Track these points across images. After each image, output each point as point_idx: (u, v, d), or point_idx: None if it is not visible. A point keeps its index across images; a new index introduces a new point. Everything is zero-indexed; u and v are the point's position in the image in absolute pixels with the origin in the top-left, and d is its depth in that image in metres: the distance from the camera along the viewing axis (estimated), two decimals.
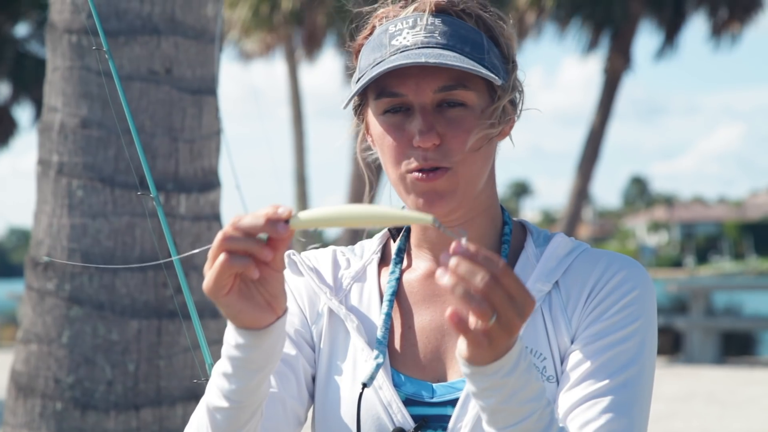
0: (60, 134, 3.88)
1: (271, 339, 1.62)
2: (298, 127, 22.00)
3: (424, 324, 1.88)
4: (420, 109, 1.79)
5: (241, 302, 1.58)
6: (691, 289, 16.18)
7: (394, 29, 1.82)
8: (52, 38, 3.95)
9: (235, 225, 1.52)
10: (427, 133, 1.78)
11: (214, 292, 1.55)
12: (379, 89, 1.82)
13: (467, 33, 1.81)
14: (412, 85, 1.79)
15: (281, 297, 1.61)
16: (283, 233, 1.51)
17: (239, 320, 1.61)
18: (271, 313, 1.61)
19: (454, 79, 1.78)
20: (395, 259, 1.93)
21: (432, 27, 1.80)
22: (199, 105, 3.94)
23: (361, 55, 1.88)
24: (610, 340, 1.78)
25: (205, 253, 1.61)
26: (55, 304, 3.83)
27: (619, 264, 1.84)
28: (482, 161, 1.83)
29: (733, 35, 20.22)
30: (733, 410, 10.90)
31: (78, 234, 3.82)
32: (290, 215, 1.52)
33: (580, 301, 1.82)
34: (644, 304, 1.81)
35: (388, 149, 1.83)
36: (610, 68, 19.72)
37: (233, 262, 1.52)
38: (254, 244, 1.52)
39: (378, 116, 1.84)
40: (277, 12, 20.40)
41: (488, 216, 1.90)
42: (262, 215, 1.52)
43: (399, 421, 1.81)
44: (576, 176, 20.06)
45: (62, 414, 3.80)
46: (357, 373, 1.85)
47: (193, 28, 3.93)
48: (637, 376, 1.77)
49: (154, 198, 2.31)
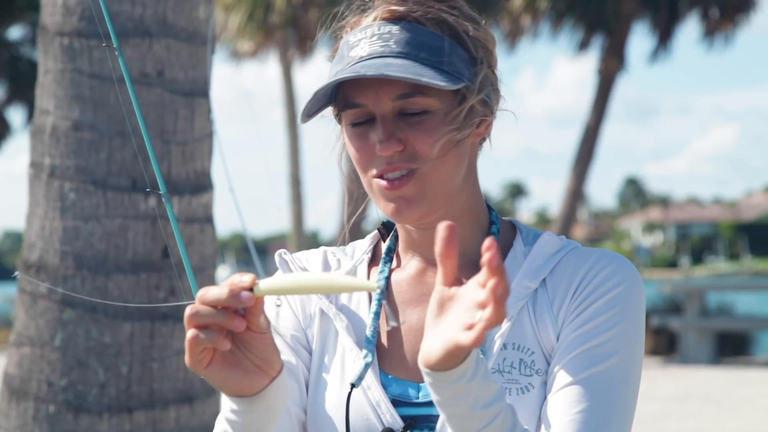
0: (52, 137, 3.88)
1: (266, 402, 1.62)
2: (293, 129, 22.00)
3: (411, 324, 1.88)
4: (380, 119, 1.80)
5: (226, 372, 1.58)
6: (686, 289, 16.20)
7: (353, 40, 1.83)
8: (43, 41, 3.95)
9: (201, 299, 1.53)
10: (386, 142, 1.78)
11: (194, 367, 1.56)
12: (343, 101, 1.83)
13: (425, 39, 1.80)
14: (371, 95, 1.80)
15: (272, 359, 1.60)
16: (247, 302, 1.52)
17: (227, 389, 1.61)
18: (264, 377, 1.60)
19: (411, 87, 1.78)
20: (384, 258, 1.94)
21: (388, 35, 1.81)
22: (191, 107, 3.94)
23: (330, 68, 1.89)
24: (588, 334, 1.77)
25: (198, 253, 1.63)
26: (47, 306, 3.83)
27: (607, 259, 1.83)
28: (452, 164, 1.82)
29: (726, 36, 20.25)
30: (728, 410, 10.91)
31: (70, 237, 3.82)
32: (253, 283, 1.52)
33: (567, 296, 1.82)
34: (630, 299, 1.81)
35: (356, 159, 1.85)
36: (605, 69, 19.74)
37: (201, 337, 1.53)
38: (222, 317, 1.52)
39: (347, 127, 1.85)
40: (271, 15, 20.41)
41: (472, 217, 1.90)
42: (226, 287, 1.52)
43: (388, 421, 1.81)
44: (571, 177, 20.08)
45: (55, 417, 3.79)
46: (346, 374, 1.86)
47: (185, 30, 3.93)
48: (619, 369, 1.76)
49: (163, 195, 2.31)
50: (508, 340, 1.81)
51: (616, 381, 1.75)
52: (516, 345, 1.81)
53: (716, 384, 12.95)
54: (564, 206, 20.34)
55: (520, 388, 1.79)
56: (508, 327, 1.81)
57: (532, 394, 1.78)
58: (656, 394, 11.98)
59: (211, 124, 4.06)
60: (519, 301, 1.83)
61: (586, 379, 1.74)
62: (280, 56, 21.98)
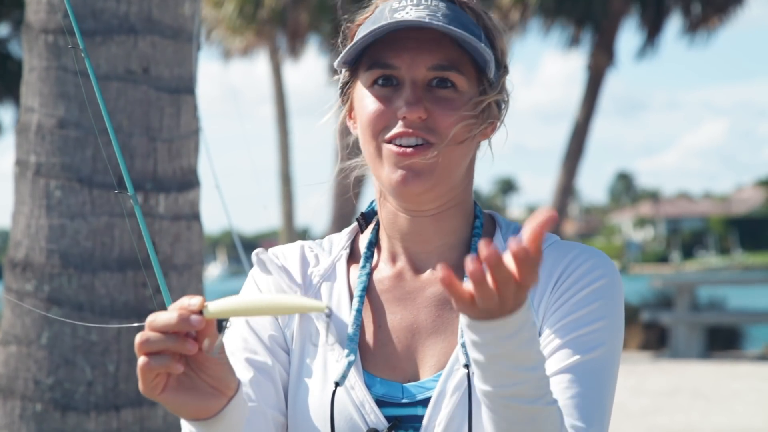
0: (37, 135, 3.87)
1: (224, 423, 1.61)
2: (283, 126, 21.96)
3: (394, 323, 1.86)
4: (411, 83, 1.79)
5: (181, 396, 1.57)
6: (677, 284, 16.23)
7: (397, 5, 1.82)
8: (28, 38, 3.94)
9: (151, 326, 1.52)
10: (415, 105, 1.78)
11: (148, 393, 1.55)
12: (372, 60, 1.81)
13: (467, 22, 1.82)
14: (407, 58, 1.79)
15: (227, 378, 1.59)
16: (197, 326, 1.51)
17: (185, 413, 1.60)
18: (221, 398, 1.59)
19: (449, 61, 1.79)
20: (366, 253, 1.91)
21: (435, 7, 1.80)
22: (177, 104, 3.93)
23: (359, 30, 1.87)
24: (575, 324, 1.78)
25: (185, 251, 1.63)
26: (34, 305, 3.82)
27: (587, 254, 1.84)
28: (462, 153, 1.83)
29: (709, 31, 20.25)
30: (718, 405, 10.93)
31: (56, 235, 3.81)
32: (202, 306, 1.52)
33: (547, 290, 1.82)
34: (612, 292, 1.81)
35: (370, 120, 1.82)
36: (594, 64, 19.73)
37: (153, 363, 1.52)
38: (173, 342, 1.51)
39: (367, 88, 1.83)
40: (261, 10, 20.37)
41: (461, 210, 1.90)
42: (175, 312, 1.51)
43: (372, 421, 1.80)
44: (561, 172, 20.08)
45: (42, 415, 3.78)
46: (328, 373, 1.83)
47: (171, 27, 3.91)
48: (601, 360, 1.76)
49: (131, 197, 2.29)
50: None
51: (602, 370, 1.76)
52: None
53: (706, 378, 12.97)
54: (554, 202, 20.33)
55: None
56: None
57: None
58: (646, 389, 12.00)
59: (198, 121, 4.04)
60: None
61: (575, 366, 1.74)
62: (269, 53, 21.94)
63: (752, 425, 9.83)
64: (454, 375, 1.79)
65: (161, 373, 1.54)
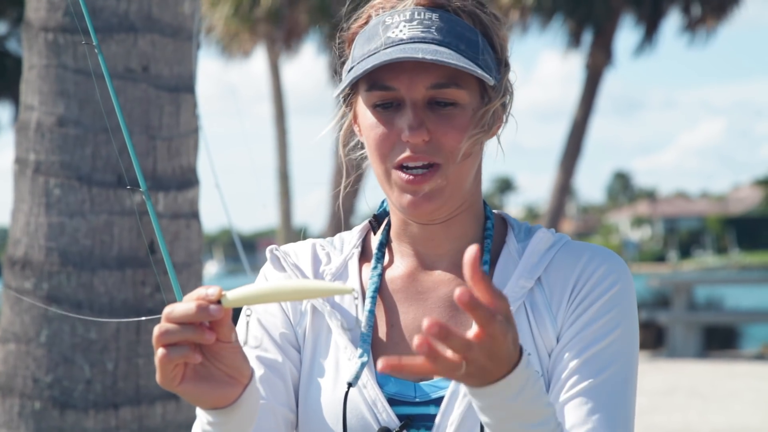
0: (37, 133, 3.87)
1: (241, 411, 1.62)
2: (281, 124, 21.95)
3: (407, 322, 1.85)
4: (411, 105, 1.77)
5: (200, 386, 1.58)
6: (674, 283, 16.24)
7: (390, 21, 1.80)
8: (28, 36, 3.94)
9: (168, 317, 1.52)
10: (417, 129, 1.76)
11: (166, 384, 1.55)
12: (371, 81, 1.79)
13: (463, 30, 1.79)
14: (405, 79, 1.77)
15: (242, 366, 1.59)
16: (216, 315, 1.51)
17: (203, 403, 1.60)
18: (237, 386, 1.60)
19: (447, 77, 1.77)
20: (377, 254, 1.91)
21: (429, 22, 1.78)
22: (176, 103, 3.93)
23: (354, 44, 1.85)
24: (596, 334, 1.77)
25: (184, 249, 1.63)
26: (33, 303, 3.82)
27: (600, 258, 1.83)
28: (472, 163, 1.82)
29: (708, 31, 20.26)
30: (714, 404, 10.94)
31: (55, 233, 3.81)
32: (220, 295, 1.51)
33: (564, 298, 1.81)
34: (625, 299, 1.81)
35: (375, 143, 1.80)
36: (592, 63, 19.74)
37: (172, 355, 1.52)
38: (191, 332, 1.52)
39: (368, 108, 1.81)
40: (257, 9, 20.36)
41: (472, 212, 1.88)
42: (193, 302, 1.51)
43: (384, 420, 1.79)
44: (558, 171, 20.09)
45: (41, 413, 3.78)
46: (340, 372, 1.83)
47: (170, 25, 3.91)
48: (622, 372, 1.77)
49: (143, 192, 2.29)
50: None
51: (623, 381, 1.77)
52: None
53: (703, 377, 12.98)
54: (552, 201, 20.34)
55: None
56: None
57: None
58: (643, 388, 12.01)
59: (197, 120, 4.04)
60: (516, 301, 1.81)
61: (597, 385, 1.75)
62: (267, 51, 21.92)
63: (749, 424, 9.84)
64: None
65: (179, 364, 1.54)
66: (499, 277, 1.86)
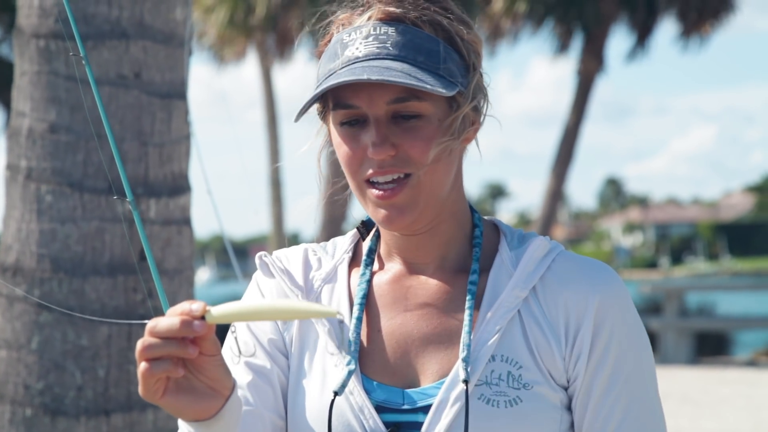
0: (28, 139, 3.86)
1: (223, 422, 1.63)
2: (273, 131, 21.95)
3: (393, 328, 1.85)
4: (374, 121, 1.77)
5: (182, 399, 1.58)
6: (665, 289, 16.26)
7: (347, 39, 1.80)
8: (19, 43, 3.93)
9: (152, 332, 1.53)
10: (381, 145, 1.76)
11: (149, 397, 1.56)
12: (335, 100, 1.80)
13: (422, 42, 1.77)
14: (365, 96, 1.76)
15: (224, 378, 1.60)
16: (200, 331, 1.52)
17: (185, 415, 1.61)
18: (218, 398, 1.61)
19: (406, 91, 1.75)
20: (366, 260, 1.90)
21: (385, 37, 1.77)
22: (168, 109, 3.93)
23: (320, 62, 1.85)
24: (611, 381, 1.81)
25: (176, 256, 1.64)
26: (24, 309, 3.81)
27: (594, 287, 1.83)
28: (444, 171, 1.80)
29: (702, 37, 20.31)
30: (706, 410, 10.95)
31: (47, 239, 3.80)
32: (204, 311, 1.52)
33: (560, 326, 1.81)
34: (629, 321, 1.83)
35: (344, 160, 1.81)
36: (584, 69, 19.78)
37: (154, 369, 1.53)
38: (174, 347, 1.52)
39: (336, 126, 1.82)
40: (251, 16, 20.36)
41: (455, 221, 1.87)
42: (177, 318, 1.52)
43: (371, 427, 1.78)
44: (550, 178, 20.11)
45: (32, 420, 3.77)
46: (327, 379, 1.82)
47: (162, 32, 3.91)
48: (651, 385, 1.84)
49: (130, 202, 2.28)
50: (496, 351, 1.79)
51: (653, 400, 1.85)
52: (504, 357, 1.79)
53: (695, 384, 13.00)
54: (544, 207, 20.36)
55: (508, 401, 1.76)
56: (497, 338, 1.78)
57: (521, 408, 1.76)
58: None
59: (189, 126, 4.04)
60: (509, 311, 1.80)
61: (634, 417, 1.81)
62: (259, 58, 21.92)
63: (740, 431, 9.85)
64: (456, 385, 1.78)
65: (162, 377, 1.55)
66: (492, 286, 1.84)
